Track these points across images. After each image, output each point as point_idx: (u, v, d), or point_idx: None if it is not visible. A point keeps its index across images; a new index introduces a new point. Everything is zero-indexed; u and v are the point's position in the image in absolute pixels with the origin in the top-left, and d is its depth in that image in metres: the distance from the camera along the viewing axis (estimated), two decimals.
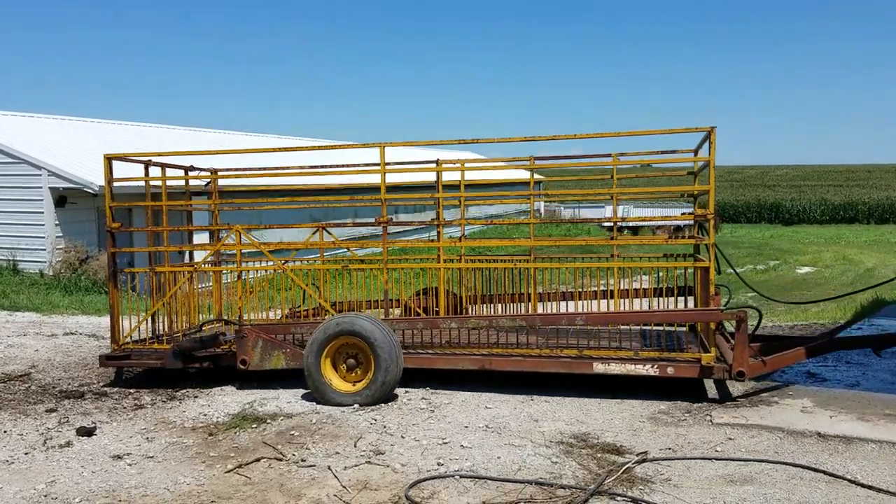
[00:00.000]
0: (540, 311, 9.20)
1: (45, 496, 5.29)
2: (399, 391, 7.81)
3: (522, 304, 9.41)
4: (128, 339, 8.72)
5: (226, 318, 9.30)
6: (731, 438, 6.25)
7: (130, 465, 5.90)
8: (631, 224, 39.52)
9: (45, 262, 18.13)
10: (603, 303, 9.00)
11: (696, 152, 8.79)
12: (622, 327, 8.56)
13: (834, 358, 8.98)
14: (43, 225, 18.30)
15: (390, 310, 8.64)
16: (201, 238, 11.44)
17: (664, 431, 6.48)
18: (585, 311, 8.59)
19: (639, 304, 9.03)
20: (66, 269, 17.75)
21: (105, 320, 12.80)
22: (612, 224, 8.34)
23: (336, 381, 7.55)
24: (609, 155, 8.09)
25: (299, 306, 9.54)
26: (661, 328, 8.79)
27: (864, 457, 5.78)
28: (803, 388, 7.68)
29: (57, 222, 18.36)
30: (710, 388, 7.80)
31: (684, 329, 8.88)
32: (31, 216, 18.42)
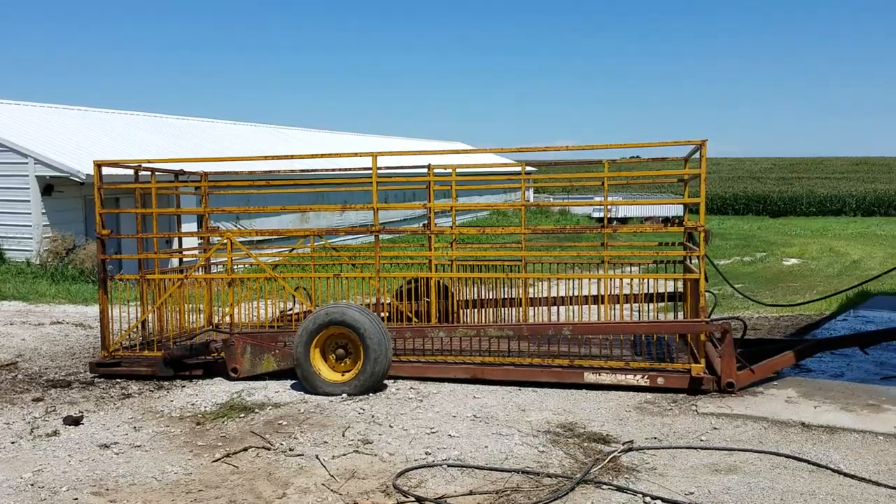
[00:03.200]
0: (531, 315, 9.23)
1: (32, 485, 5.28)
2: (387, 380, 7.83)
3: (514, 310, 9.43)
4: (118, 346, 8.68)
5: (216, 326, 9.27)
6: (715, 428, 6.30)
7: (118, 454, 5.90)
8: (620, 216, 39.60)
9: (32, 250, 18.01)
10: (593, 308, 8.99)
11: (686, 161, 8.80)
12: (614, 345, 8.56)
13: None
14: (30, 213, 18.15)
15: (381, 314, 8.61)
16: (191, 241, 11.35)
17: (650, 421, 6.53)
18: (573, 320, 8.57)
19: (629, 309, 8.97)
20: (53, 258, 17.63)
21: (91, 309, 12.76)
22: (601, 216, 8.37)
23: (325, 371, 7.56)
24: (600, 162, 8.12)
25: (290, 309, 9.54)
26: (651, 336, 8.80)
27: (847, 446, 5.84)
28: (788, 378, 7.74)
29: (44, 211, 18.22)
30: None
31: (676, 342, 8.84)
32: (17, 204, 18.26)
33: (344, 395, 7.33)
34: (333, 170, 9.89)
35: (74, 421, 6.65)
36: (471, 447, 5.89)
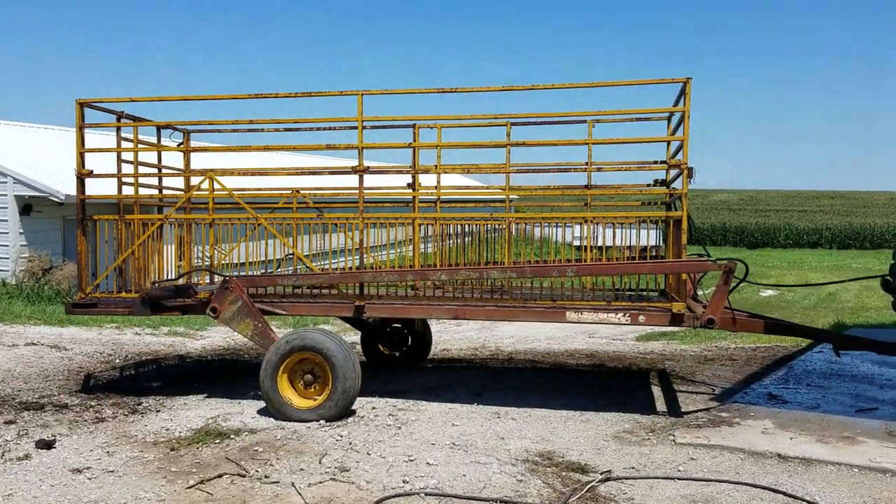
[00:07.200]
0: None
1: None
2: (366, 406, 7.80)
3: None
4: (95, 289, 8.60)
5: (209, 268, 9.16)
6: (693, 458, 6.32)
7: (90, 479, 5.81)
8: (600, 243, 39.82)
9: (8, 270, 17.80)
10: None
11: (669, 118, 8.84)
12: (596, 291, 8.75)
13: (795, 381, 9.13)
14: (7, 233, 17.97)
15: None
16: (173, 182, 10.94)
17: (628, 451, 6.54)
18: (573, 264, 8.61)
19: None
20: (29, 279, 17.44)
21: (67, 331, 12.62)
22: (580, 244, 8.44)
23: (297, 400, 7.50)
24: (584, 118, 8.19)
25: (271, 271, 9.48)
26: (633, 292, 9.01)
27: (823, 478, 5.88)
28: (764, 409, 7.80)
29: (21, 231, 18.06)
30: (662, 405, 7.90)
31: (656, 293, 9.04)
32: None
33: (322, 422, 7.27)
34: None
35: (47, 445, 6.55)
36: (449, 476, 5.87)
